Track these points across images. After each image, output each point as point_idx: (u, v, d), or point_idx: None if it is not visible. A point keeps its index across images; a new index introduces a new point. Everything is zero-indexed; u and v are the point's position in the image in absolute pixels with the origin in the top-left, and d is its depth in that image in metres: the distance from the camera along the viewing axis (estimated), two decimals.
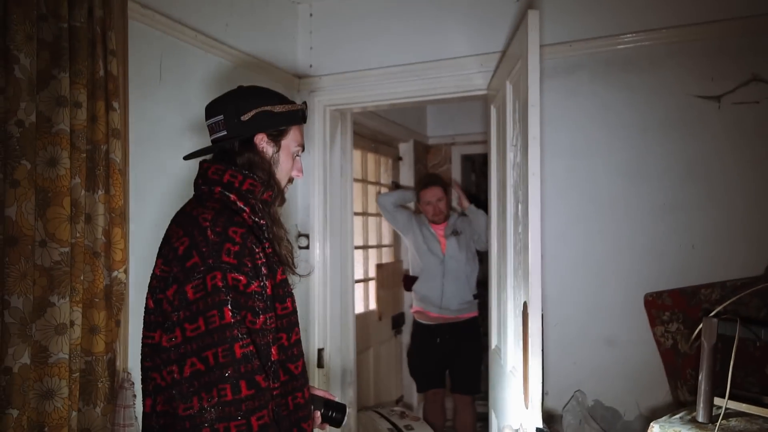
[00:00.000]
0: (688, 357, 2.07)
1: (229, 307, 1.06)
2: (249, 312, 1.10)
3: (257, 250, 1.14)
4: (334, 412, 1.40)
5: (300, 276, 1.39)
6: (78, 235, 1.54)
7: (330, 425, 1.40)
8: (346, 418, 1.40)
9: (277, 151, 1.31)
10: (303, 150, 1.38)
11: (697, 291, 2.07)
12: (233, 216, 1.16)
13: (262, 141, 1.29)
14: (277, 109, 1.28)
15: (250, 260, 1.12)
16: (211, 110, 1.30)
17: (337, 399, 1.46)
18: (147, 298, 1.19)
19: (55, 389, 1.45)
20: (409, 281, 3.56)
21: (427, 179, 3.54)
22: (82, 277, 1.55)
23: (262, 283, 1.14)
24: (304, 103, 1.38)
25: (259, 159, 1.27)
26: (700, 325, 1.81)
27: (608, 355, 2.23)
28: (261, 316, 1.12)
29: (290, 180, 1.37)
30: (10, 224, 1.38)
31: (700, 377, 1.70)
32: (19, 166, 1.39)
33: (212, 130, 1.29)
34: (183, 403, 1.03)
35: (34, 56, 1.43)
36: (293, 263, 1.33)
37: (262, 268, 1.15)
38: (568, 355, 2.29)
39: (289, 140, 1.33)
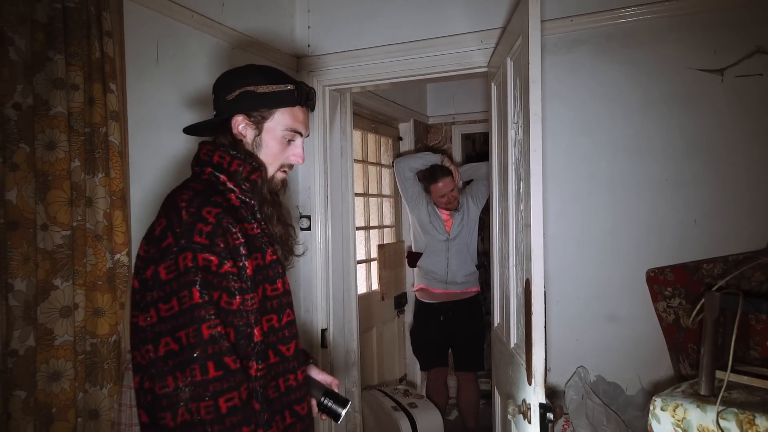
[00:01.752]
0: (690, 331, 2.08)
1: (198, 288, 1.06)
2: (224, 292, 1.09)
3: (234, 230, 1.13)
4: (332, 402, 1.34)
5: (296, 256, 1.38)
6: (79, 218, 1.54)
7: (327, 416, 1.35)
8: (344, 413, 1.35)
9: (259, 134, 1.27)
10: (302, 135, 1.31)
11: (699, 266, 2.07)
12: (211, 196, 1.15)
13: (239, 123, 1.26)
14: (261, 89, 1.24)
15: (223, 240, 1.11)
16: (213, 87, 1.32)
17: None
18: (133, 278, 1.19)
19: (62, 371, 1.47)
20: (413, 257, 3.54)
21: (432, 172, 3.35)
22: (84, 260, 1.55)
23: (241, 264, 1.13)
24: (302, 83, 1.30)
25: (235, 141, 1.26)
26: (702, 300, 1.82)
27: (610, 331, 2.24)
28: (237, 297, 1.11)
29: (287, 166, 1.33)
30: (10, 208, 1.38)
31: (702, 351, 1.71)
32: (18, 150, 1.39)
33: (213, 107, 1.31)
34: (159, 381, 1.04)
35: (29, 38, 1.41)
36: (291, 243, 1.33)
37: (241, 248, 1.13)
38: (571, 332, 2.30)
39: (275, 123, 1.27)
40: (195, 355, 1.04)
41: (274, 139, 1.28)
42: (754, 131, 2.02)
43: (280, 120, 1.27)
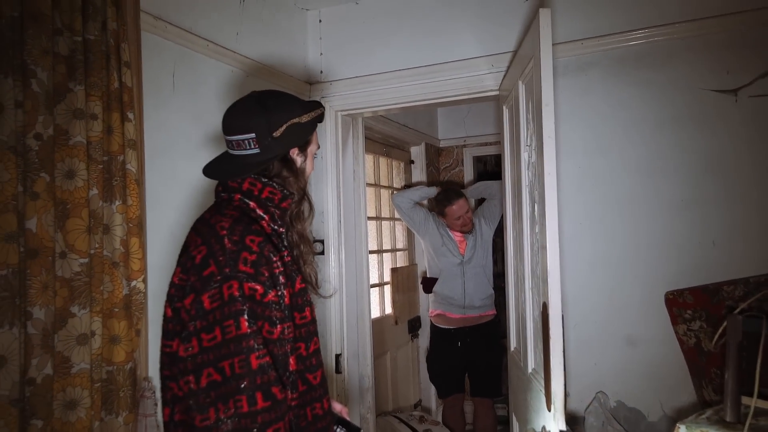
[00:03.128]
0: (713, 355, 2.03)
1: (246, 317, 1.05)
2: (266, 322, 1.09)
3: (275, 258, 1.13)
4: (344, 430, 1.35)
5: (323, 297, 1.38)
6: (96, 245, 1.55)
7: None
8: None
9: (305, 160, 1.32)
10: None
11: (719, 288, 2.04)
12: (251, 224, 1.15)
13: (294, 154, 1.29)
14: (304, 119, 1.26)
15: (267, 269, 1.10)
16: (236, 126, 1.22)
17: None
18: (165, 306, 1.18)
19: (78, 399, 1.46)
20: (428, 283, 3.51)
21: (448, 194, 3.36)
22: (101, 288, 1.56)
23: (279, 293, 1.13)
24: (320, 103, 1.36)
25: (293, 174, 1.28)
26: (725, 323, 1.78)
27: (630, 355, 2.20)
28: (278, 326, 1.10)
29: None
30: (30, 236, 1.39)
31: (726, 376, 1.67)
32: (39, 179, 1.41)
33: (239, 145, 1.22)
34: (200, 414, 1.02)
35: (51, 70, 1.45)
36: (317, 283, 1.32)
37: (280, 277, 1.13)
38: (589, 356, 2.26)
39: (313, 145, 1.35)
40: (242, 385, 1.02)
41: (311, 159, 1.35)
42: None
43: (314, 141, 1.35)
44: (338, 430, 1.34)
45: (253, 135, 1.21)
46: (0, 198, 1.33)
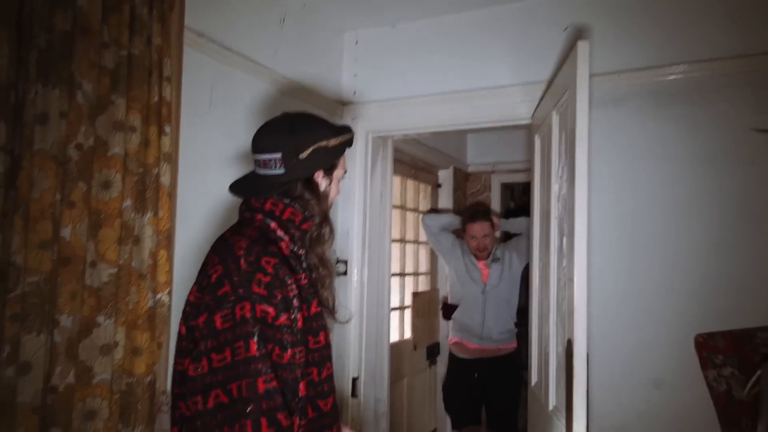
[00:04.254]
0: (744, 404, 1.95)
1: (255, 340, 1.04)
2: (277, 345, 1.07)
3: (289, 281, 1.12)
4: None
5: (339, 322, 1.37)
6: (126, 256, 1.57)
7: None
8: None
9: (329, 183, 1.31)
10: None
11: (753, 334, 1.96)
12: (268, 245, 1.15)
13: (319, 178, 1.28)
14: (332, 143, 1.26)
15: (280, 292, 1.09)
16: (264, 145, 1.24)
17: None
18: (180, 324, 1.18)
19: (97, 410, 1.47)
20: (448, 309, 3.47)
21: (474, 211, 3.35)
22: (127, 299, 1.57)
23: (292, 316, 1.11)
24: (350, 128, 1.36)
25: (315, 197, 1.27)
26: (759, 372, 1.71)
27: (655, 397, 2.12)
28: (289, 350, 1.09)
29: None
30: (64, 245, 1.41)
31: (759, 428, 1.60)
32: (76, 188, 1.44)
33: (265, 164, 1.23)
34: None
35: (96, 82, 1.48)
36: (334, 308, 1.31)
37: (294, 300, 1.12)
38: (613, 397, 2.19)
39: (339, 169, 1.34)
40: (248, 409, 1.01)
41: (336, 182, 1.34)
42: None
43: (341, 165, 1.34)
44: None
45: (279, 155, 1.21)
46: (38, 206, 1.36)
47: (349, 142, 1.32)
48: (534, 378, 2.27)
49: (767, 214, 2.01)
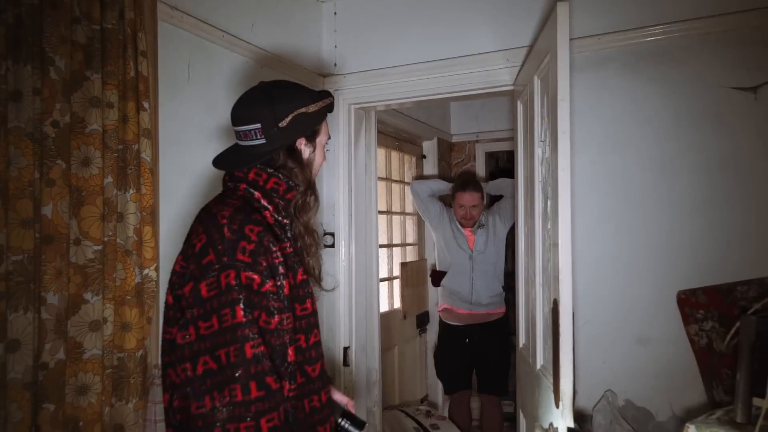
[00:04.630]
0: (724, 356, 2.01)
1: (242, 306, 1.05)
2: (263, 311, 1.09)
3: (274, 249, 1.13)
4: (349, 423, 1.34)
5: (324, 290, 1.38)
6: (110, 233, 1.57)
7: None
8: None
9: (313, 150, 1.31)
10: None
11: (733, 288, 2.01)
12: (252, 213, 1.15)
13: (301, 145, 1.28)
14: (311, 108, 1.25)
15: (265, 259, 1.10)
16: (242, 116, 1.23)
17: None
18: (167, 294, 1.19)
19: (90, 385, 1.48)
20: (437, 276, 3.51)
21: (466, 180, 3.37)
22: (114, 275, 1.57)
23: (279, 283, 1.13)
24: (328, 92, 1.34)
25: (299, 165, 1.26)
26: (738, 324, 1.76)
27: (640, 354, 2.18)
28: (276, 316, 1.10)
29: None
30: (46, 223, 1.41)
31: (737, 377, 1.66)
32: (55, 166, 1.42)
33: (246, 136, 1.23)
34: (195, 401, 1.03)
35: (69, 58, 1.46)
36: (320, 275, 1.32)
37: (279, 267, 1.13)
38: (598, 354, 2.25)
39: (322, 136, 1.33)
40: (237, 374, 1.03)
41: (320, 149, 1.33)
42: None
43: (324, 132, 1.33)
44: (343, 422, 1.34)
45: (258, 125, 1.21)
46: (17, 184, 1.35)
47: (329, 107, 1.31)
48: (522, 340, 2.32)
49: (747, 171, 2.04)
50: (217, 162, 1.30)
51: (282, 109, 1.21)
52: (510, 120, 3.39)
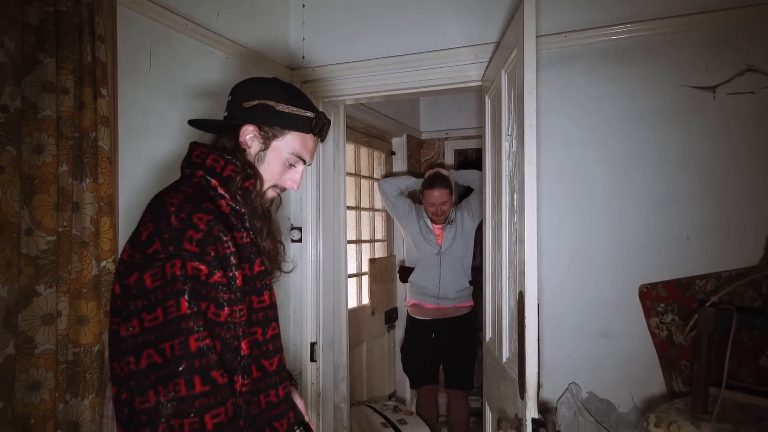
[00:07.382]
0: (683, 348, 2.06)
1: (186, 298, 1.01)
2: (211, 303, 1.05)
3: (225, 238, 1.09)
4: (297, 427, 1.33)
5: (284, 272, 1.35)
6: (65, 223, 1.51)
7: None
8: None
9: (264, 149, 1.25)
10: (305, 163, 1.31)
11: (692, 282, 2.07)
12: (202, 202, 1.11)
13: (247, 132, 1.24)
14: (280, 107, 1.23)
15: (214, 249, 1.07)
16: (232, 90, 1.30)
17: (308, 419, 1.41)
18: (114, 283, 1.14)
19: (42, 380, 1.42)
20: (405, 272, 3.53)
21: (434, 178, 3.38)
22: (69, 267, 1.51)
23: (231, 274, 1.09)
24: (322, 114, 1.30)
25: (237, 148, 1.23)
26: (696, 316, 1.80)
27: (603, 347, 2.22)
28: (226, 308, 1.07)
29: (280, 188, 1.32)
30: None
31: (695, 368, 1.70)
32: (4, 152, 1.36)
33: (226, 107, 1.29)
34: (139, 396, 0.99)
35: (19, 40, 1.39)
36: (279, 259, 1.30)
37: (231, 258, 1.09)
38: (563, 348, 2.28)
39: (284, 144, 1.26)
40: (180, 368, 0.99)
41: (277, 159, 1.27)
42: (746, 149, 2.03)
43: (289, 142, 1.27)
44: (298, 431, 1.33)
45: (230, 97, 1.27)
46: None
47: (307, 123, 1.26)
48: (488, 334, 2.33)
49: (707, 167, 2.09)
50: (193, 122, 1.33)
51: (255, 93, 1.24)
52: (478, 118, 3.41)
